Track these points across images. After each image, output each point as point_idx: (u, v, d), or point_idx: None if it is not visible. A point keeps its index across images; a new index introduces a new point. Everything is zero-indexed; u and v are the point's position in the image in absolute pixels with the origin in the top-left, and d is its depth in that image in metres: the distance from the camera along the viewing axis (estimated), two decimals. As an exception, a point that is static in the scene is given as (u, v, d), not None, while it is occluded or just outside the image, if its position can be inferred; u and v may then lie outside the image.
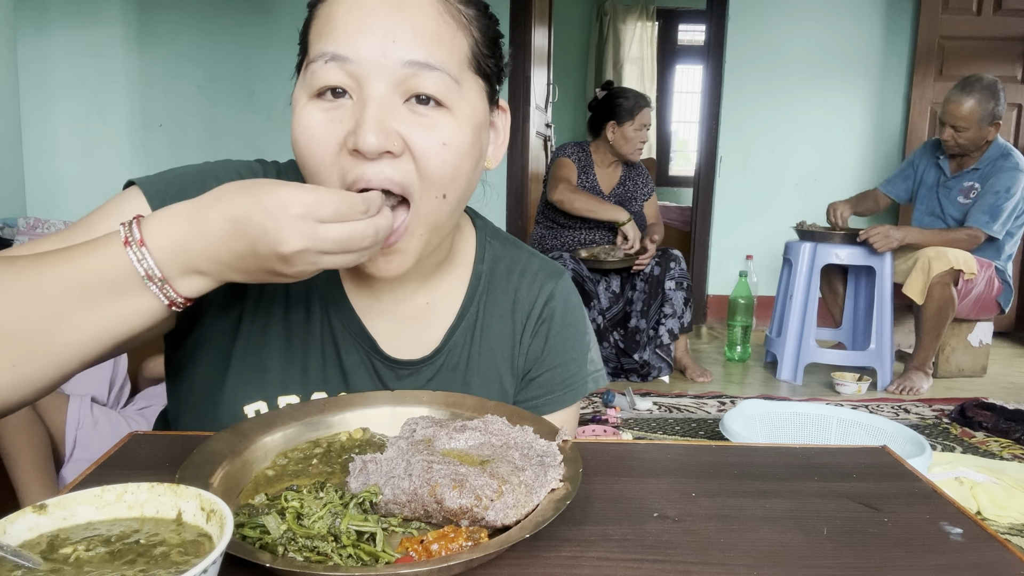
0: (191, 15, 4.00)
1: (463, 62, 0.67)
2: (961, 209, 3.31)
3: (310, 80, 0.65)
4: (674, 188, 7.25)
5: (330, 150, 0.65)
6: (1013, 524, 1.91)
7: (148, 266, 0.56)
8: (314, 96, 0.65)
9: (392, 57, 0.63)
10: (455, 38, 0.67)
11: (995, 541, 0.56)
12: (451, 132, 0.66)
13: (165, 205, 0.69)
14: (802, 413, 2.37)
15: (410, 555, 0.50)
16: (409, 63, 0.63)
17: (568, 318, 0.87)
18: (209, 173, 0.75)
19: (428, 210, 0.68)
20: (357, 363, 0.80)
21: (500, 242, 0.88)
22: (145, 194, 0.71)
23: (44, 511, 0.46)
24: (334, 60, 0.63)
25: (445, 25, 0.66)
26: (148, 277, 0.56)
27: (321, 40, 0.65)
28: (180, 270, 0.58)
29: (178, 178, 0.73)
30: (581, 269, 3.12)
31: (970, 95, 3.14)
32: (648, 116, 3.27)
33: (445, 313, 0.83)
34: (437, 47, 0.65)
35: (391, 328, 0.80)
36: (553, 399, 0.86)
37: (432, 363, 0.82)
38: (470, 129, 0.68)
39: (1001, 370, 3.60)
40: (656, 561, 0.52)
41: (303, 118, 0.66)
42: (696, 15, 6.72)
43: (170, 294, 0.58)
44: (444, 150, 0.66)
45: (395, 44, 0.63)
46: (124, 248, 0.56)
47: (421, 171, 0.66)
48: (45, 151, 4.01)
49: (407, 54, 0.63)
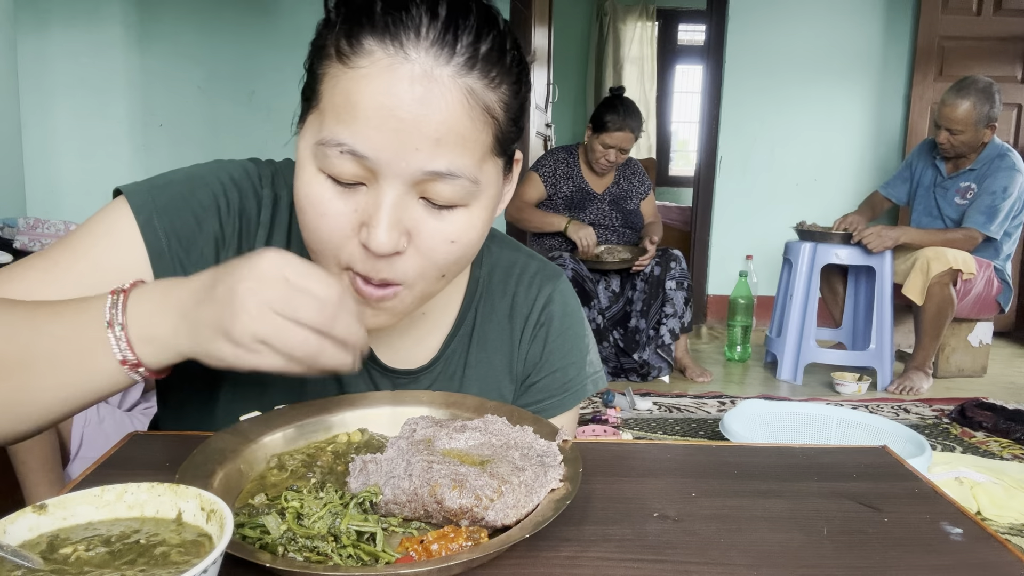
0: (191, 14, 4.00)
1: (485, 155, 0.63)
2: (958, 210, 3.31)
3: (322, 159, 0.61)
4: (674, 188, 7.25)
5: (341, 234, 0.63)
6: (1013, 524, 1.91)
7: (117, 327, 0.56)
8: (324, 172, 0.62)
9: (413, 164, 0.60)
10: (480, 135, 0.62)
11: (995, 541, 0.56)
12: (463, 230, 0.64)
13: (152, 219, 0.69)
14: (802, 413, 2.37)
15: (410, 555, 0.50)
16: (430, 172, 0.60)
17: (567, 321, 0.86)
18: (198, 179, 0.73)
19: (424, 288, 0.67)
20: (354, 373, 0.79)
21: (498, 245, 0.87)
22: (132, 206, 0.69)
23: (44, 511, 0.46)
24: (351, 154, 0.60)
25: (471, 124, 0.61)
26: (111, 322, 0.56)
27: (339, 123, 0.60)
28: (152, 329, 0.57)
29: (167, 186, 0.71)
30: (581, 269, 3.12)
31: (965, 97, 3.14)
32: (622, 140, 3.14)
33: (442, 321, 0.82)
34: (459, 153, 0.61)
35: (388, 338, 0.80)
36: (553, 403, 0.85)
37: (430, 372, 0.81)
38: (483, 221, 0.66)
39: (1001, 370, 3.60)
40: (656, 561, 0.52)
41: (313, 189, 0.62)
42: (696, 15, 6.72)
43: (133, 350, 0.57)
44: (451, 247, 0.64)
45: (417, 152, 0.59)
46: (104, 302, 0.57)
47: (424, 264, 0.64)
48: (45, 151, 4.01)
49: (428, 164, 0.60)
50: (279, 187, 0.77)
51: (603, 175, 3.32)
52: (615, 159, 3.21)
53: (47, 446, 1.59)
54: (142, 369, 0.57)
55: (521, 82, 0.66)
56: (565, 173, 3.31)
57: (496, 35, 0.63)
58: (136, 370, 0.57)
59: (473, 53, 0.60)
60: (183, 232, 0.70)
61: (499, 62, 0.62)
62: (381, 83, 0.59)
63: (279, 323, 0.52)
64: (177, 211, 0.70)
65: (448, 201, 0.62)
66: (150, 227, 0.69)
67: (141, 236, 0.68)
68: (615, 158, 3.20)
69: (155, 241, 0.69)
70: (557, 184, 3.30)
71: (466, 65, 0.60)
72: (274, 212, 0.76)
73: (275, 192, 0.76)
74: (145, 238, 0.68)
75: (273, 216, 0.76)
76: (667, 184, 7.21)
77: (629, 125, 3.14)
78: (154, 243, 0.69)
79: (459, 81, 0.60)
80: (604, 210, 3.31)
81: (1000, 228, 3.18)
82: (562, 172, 3.30)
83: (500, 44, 0.63)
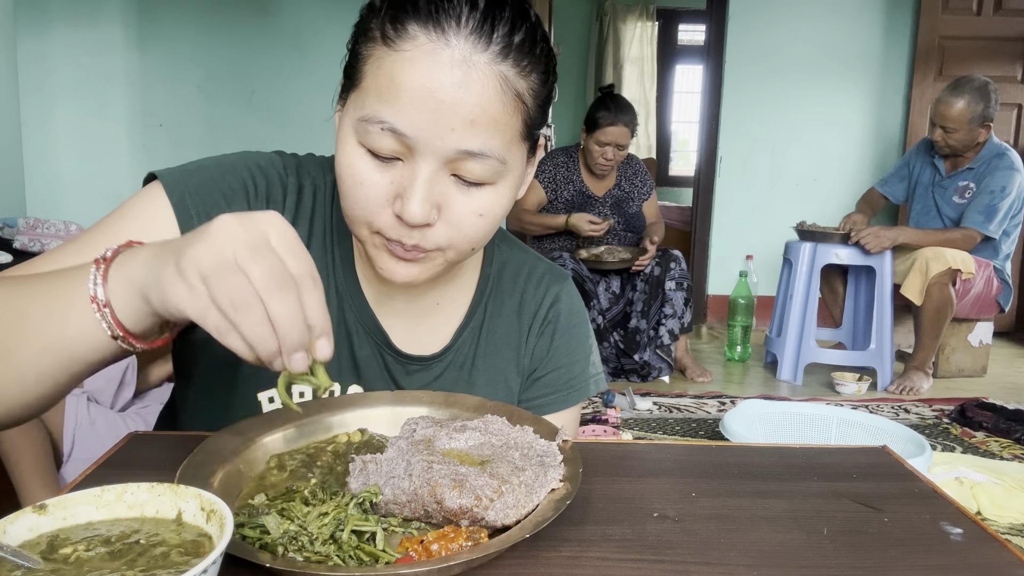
0: (191, 15, 4.00)
1: (514, 138, 0.68)
2: (957, 209, 3.31)
3: (363, 134, 0.65)
4: (674, 188, 7.24)
5: (377, 203, 0.67)
6: (1013, 524, 1.91)
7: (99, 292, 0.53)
8: (364, 146, 0.66)
9: (448, 142, 0.64)
10: (511, 119, 0.66)
11: (995, 541, 0.56)
12: (490, 204, 0.68)
13: (184, 198, 0.72)
14: (802, 413, 2.37)
15: (410, 555, 0.50)
16: (463, 151, 0.64)
17: (573, 320, 0.89)
18: (228, 165, 0.76)
19: (455, 256, 0.71)
20: (369, 356, 0.82)
21: (507, 245, 0.90)
22: (165, 187, 0.72)
23: (44, 511, 0.46)
24: (392, 131, 0.64)
25: (503, 108, 0.65)
26: (92, 300, 0.53)
27: (381, 102, 0.64)
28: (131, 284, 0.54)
29: (198, 170, 0.75)
30: (581, 269, 3.11)
31: (960, 96, 3.14)
32: (616, 135, 3.11)
33: (454, 313, 0.85)
34: (491, 135, 0.65)
35: (403, 324, 0.83)
36: (557, 399, 0.88)
37: (441, 360, 0.84)
38: (508, 198, 0.70)
39: (1001, 370, 3.60)
40: (656, 561, 0.52)
41: (354, 161, 0.67)
42: (696, 15, 6.71)
43: (113, 314, 0.54)
44: (479, 220, 0.68)
45: (453, 132, 0.63)
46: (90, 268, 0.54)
47: (454, 234, 0.68)
48: (45, 151, 4.01)
49: (462, 143, 0.64)
50: (303, 177, 0.80)
51: (603, 176, 3.31)
52: (613, 156, 3.18)
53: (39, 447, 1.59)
54: (117, 324, 0.53)
55: (549, 72, 0.71)
56: (565, 177, 3.30)
57: (528, 27, 0.67)
58: (114, 323, 0.53)
59: (508, 43, 0.65)
60: (214, 213, 0.70)
61: (530, 52, 0.67)
62: (423, 66, 0.63)
63: (226, 261, 0.48)
64: (208, 193, 0.74)
65: (478, 179, 0.67)
66: (183, 206, 0.72)
67: (174, 214, 0.71)
68: (613, 156, 3.18)
69: (187, 220, 0.71)
70: (557, 189, 3.29)
71: (501, 53, 0.64)
72: (299, 199, 0.80)
73: (300, 181, 0.80)
74: (178, 216, 0.71)
75: (298, 203, 0.79)
76: (667, 184, 7.20)
77: (622, 119, 3.11)
78: (186, 221, 0.71)
79: (494, 68, 0.64)
80: (605, 214, 3.30)
81: (999, 227, 3.18)
82: (562, 176, 3.30)
83: (532, 35, 0.67)
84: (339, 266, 0.81)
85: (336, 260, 0.81)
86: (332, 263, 0.81)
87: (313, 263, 0.52)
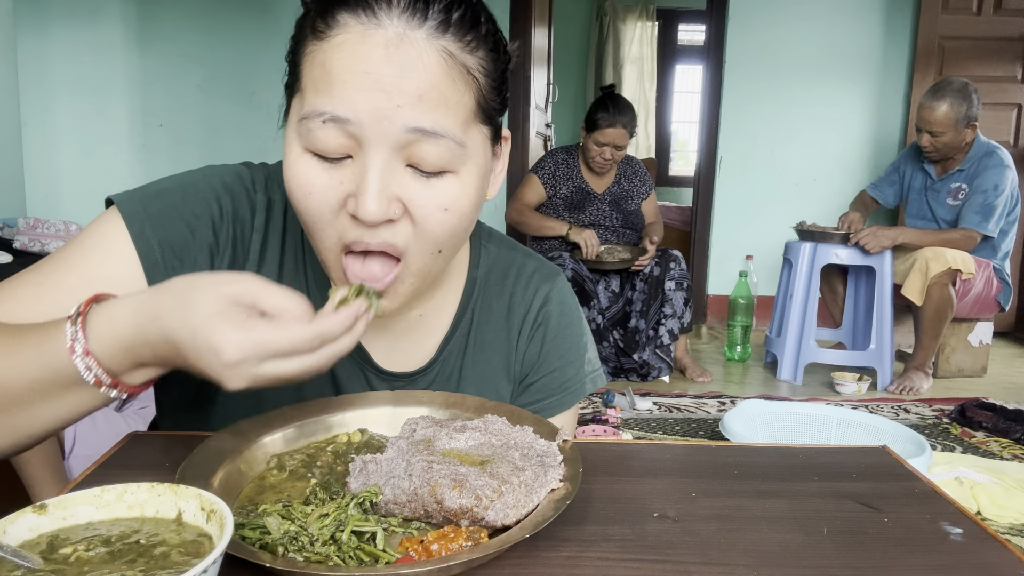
0: (191, 15, 4.00)
1: (468, 118, 0.64)
2: (951, 211, 3.31)
3: (306, 136, 0.61)
4: (674, 188, 7.24)
5: (329, 209, 0.62)
6: (1013, 524, 1.91)
7: (97, 373, 0.55)
8: (310, 150, 0.62)
9: (396, 122, 0.59)
10: (462, 96, 0.62)
11: (995, 541, 0.56)
12: (454, 197, 0.64)
13: (144, 230, 0.68)
14: (802, 413, 2.37)
15: (410, 555, 0.50)
16: (413, 129, 0.60)
17: (564, 320, 0.86)
18: (191, 186, 0.72)
19: (421, 264, 0.66)
20: (350, 375, 0.79)
21: (495, 244, 0.86)
22: (124, 217, 0.68)
23: (44, 511, 0.46)
24: (333, 121, 0.60)
25: (451, 84, 0.61)
26: (97, 382, 0.55)
27: (318, 94, 0.60)
28: (128, 367, 0.56)
29: (159, 195, 0.71)
30: (580, 269, 3.12)
31: (943, 100, 3.14)
32: (615, 136, 3.13)
33: (439, 324, 0.82)
34: (443, 112, 0.61)
35: (385, 340, 0.80)
36: (551, 403, 0.85)
37: (427, 374, 0.81)
38: (473, 188, 0.66)
39: (1001, 370, 3.60)
40: (656, 561, 0.52)
41: (299, 170, 0.62)
42: (696, 15, 6.72)
43: (119, 389, 0.57)
44: (445, 215, 0.64)
45: (399, 109, 0.59)
46: (70, 356, 0.54)
47: (419, 233, 0.64)
48: (45, 151, 4.01)
49: (411, 120, 0.60)
50: (272, 190, 0.76)
51: (602, 174, 3.32)
52: (611, 156, 3.20)
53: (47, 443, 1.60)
54: (118, 388, 0.56)
55: (499, 51, 0.67)
56: (565, 174, 3.30)
57: (468, 5, 0.63)
58: (114, 388, 0.56)
59: (446, 18, 0.61)
60: (176, 242, 0.70)
61: (473, 28, 0.63)
62: (356, 48, 0.59)
63: (269, 382, 0.53)
64: (170, 221, 0.70)
65: (435, 167, 0.62)
66: (143, 238, 0.68)
67: (134, 247, 0.68)
68: (611, 155, 3.19)
69: (148, 252, 0.68)
70: (557, 185, 3.30)
71: (439, 28, 0.61)
72: (268, 216, 0.75)
73: (268, 196, 0.76)
74: (138, 249, 0.68)
75: (267, 220, 0.75)
76: (667, 184, 7.20)
77: (620, 121, 3.13)
78: (147, 254, 0.68)
79: (434, 43, 0.61)
80: (604, 210, 3.31)
81: (996, 226, 3.19)
82: (562, 173, 3.30)
83: (474, 13, 0.64)
84: (312, 283, 0.77)
85: (309, 277, 0.77)
86: (306, 280, 0.77)
87: (290, 334, 0.52)
